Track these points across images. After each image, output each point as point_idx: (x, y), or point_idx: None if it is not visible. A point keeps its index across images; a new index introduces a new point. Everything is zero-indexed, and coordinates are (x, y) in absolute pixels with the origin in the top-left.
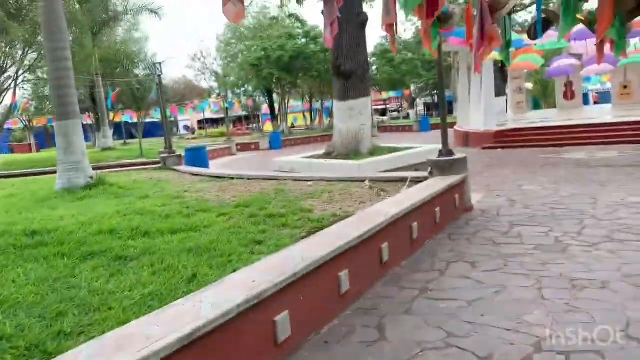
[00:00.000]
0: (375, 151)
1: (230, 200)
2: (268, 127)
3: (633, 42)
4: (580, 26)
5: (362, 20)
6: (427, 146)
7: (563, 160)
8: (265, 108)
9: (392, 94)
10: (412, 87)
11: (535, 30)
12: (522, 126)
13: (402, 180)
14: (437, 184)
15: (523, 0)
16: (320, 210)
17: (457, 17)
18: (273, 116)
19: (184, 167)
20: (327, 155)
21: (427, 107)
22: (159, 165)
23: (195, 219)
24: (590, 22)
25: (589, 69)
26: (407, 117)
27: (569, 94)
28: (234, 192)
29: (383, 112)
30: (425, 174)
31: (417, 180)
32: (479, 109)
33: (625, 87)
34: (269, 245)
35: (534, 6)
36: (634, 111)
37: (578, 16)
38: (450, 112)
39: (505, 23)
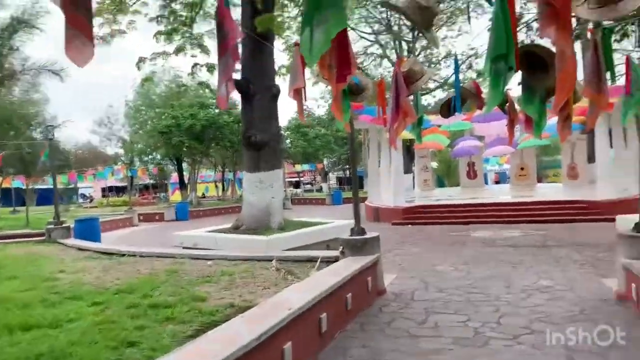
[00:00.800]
0: (286, 226)
1: (112, 284)
2: (177, 196)
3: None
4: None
5: (275, 93)
6: (339, 221)
7: (471, 238)
8: (174, 177)
9: (305, 167)
10: (325, 161)
11: (448, 108)
12: (430, 203)
13: (312, 260)
14: (349, 266)
15: (436, 73)
16: (216, 299)
17: (370, 91)
18: (182, 185)
19: (71, 241)
20: (235, 229)
21: (340, 181)
22: (44, 237)
23: (60, 310)
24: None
25: (491, 151)
26: (320, 190)
27: (471, 174)
28: (119, 273)
29: (297, 185)
30: (337, 253)
31: (327, 261)
32: (389, 185)
33: (522, 168)
34: (142, 349)
35: (439, 90)
36: (530, 191)
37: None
38: (362, 187)
39: (417, 100)
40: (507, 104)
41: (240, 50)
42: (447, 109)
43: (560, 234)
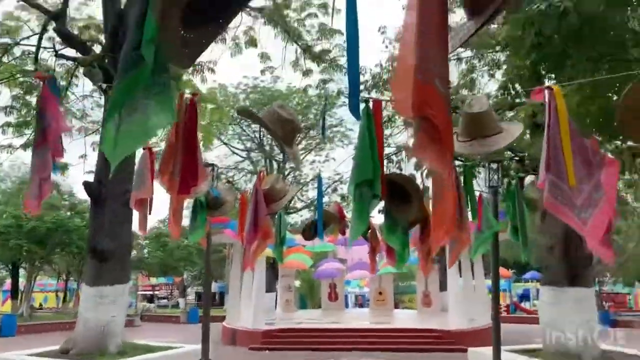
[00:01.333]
0: (127, 350)
1: None
2: (7, 307)
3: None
4: (347, 235)
5: (129, 198)
6: (189, 346)
7: None
8: (7, 284)
9: (162, 280)
10: (185, 275)
11: (310, 231)
12: (290, 326)
13: None
14: None
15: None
16: None
17: (229, 206)
18: (14, 294)
19: None
20: (63, 353)
21: (199, 296)
22: None
23: None
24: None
25: (352, 274)
26: (176, 305)
27: (332, 296)
28: None
29: (151, 299)
30: None
31: None
32: (249, 305)
33: (380, 293)
34: None
35: (306, 210)
36: (388, 317)
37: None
38: (223, 304)
39: (280, 219)
40: (369, 232)
41: (64, 145)
42: (309, 231)
43: None
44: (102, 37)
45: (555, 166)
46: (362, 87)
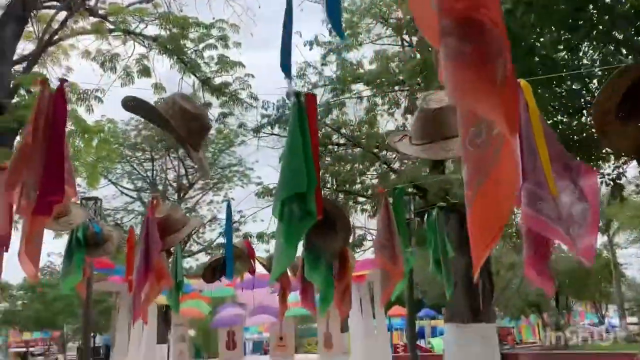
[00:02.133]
0: None
1: None
2: None
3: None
4: (248, 276)
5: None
6: None
7: None
8: None
9: (37, 334)
10: (65, 329)
11: (213, 272)
12: None
13: None
14: None
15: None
16: None
17: (113, 245)
18: None
19: None
20: None
21: (80, 352)
22: None
23: None
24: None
25: (253, 320)
26: None
27: (230, 344)
28: None
29: (24, 356)
30: None
31: None
32: (138, 358)
33: (281, 338)
34: None
35: (202, 253)
36: None
37: (261, 259)
38: (108, 358)
39: (176, 259)
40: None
41: None
42: (211, 272)
43: None
44: None
45: (533, 173)
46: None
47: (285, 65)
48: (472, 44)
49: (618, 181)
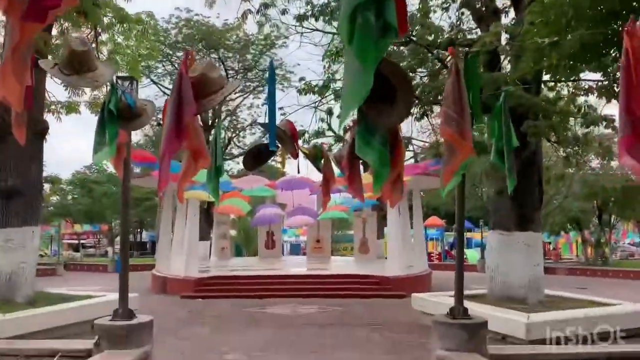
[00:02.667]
0: (38, 300)
1: None
2: None
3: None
4: (287, 176)
5: (40, 130)
6: (111, 295)
7: (267, 316)
8: None
9: (87, 227)
10: (114, 223)
11: (254, 158)
12: (226, 274)
13: (52, 355)
14: None
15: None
16: None
17: (149, 117)
18: None
19: None
20: None
21: (129, 245)
22: None
23: None
24: (316, 156)
25: (292, 220)
26: (105, 254)
27: (270, 243)
28: None
29: (77, 248)
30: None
31: (74, 356)
32: (180, 253)
33: (318, 241)
34: None
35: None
36: (324, 264)
37: (303, 149)
38: (155, 253)
39: (216, 142)
40: (323, 159)
41: None
42: (251, 158)
43: (357, 310)
44: None
45: None
46: None
47: None
48: None
49: None
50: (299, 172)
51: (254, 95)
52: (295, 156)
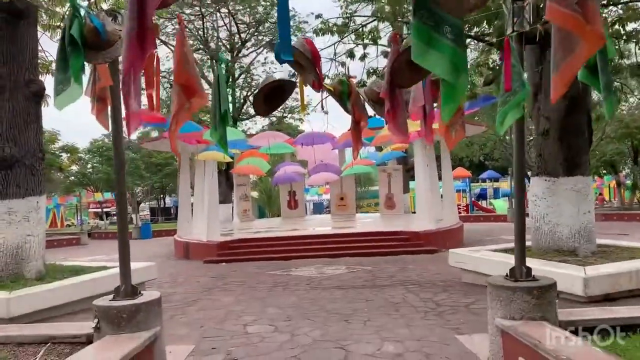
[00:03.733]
0: (48, 273)
1: None
2: None
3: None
4: (306, 132)
5: (35, 91)
6: (132, 264)
7: (293, 278)
8: None
9: (107, 195)
10: (137, 190)
11: (265, 98)
12: (248, 236)
13: (53, 341)
14: (103, 356)
15: None
16: None
17: (119, 46)
18: None
19: None
20: None
21: (153, 211)
22: None
23: None
24: (343, 93)
25: (315, 177)
26: (130, 221)
27: (292, 203)
28: None
29: (101, 217)
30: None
31: (72, 342)
32: (202, 217)
33: (341, 198)
34: None
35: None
36: (350, 222)
37: (327, 85)
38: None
39: (218, 82)
40: (350, 95)
41: None
42: (263, 98)
43: (387, 269)
44: None
45: None
46: None
47: None
48: None
49: None
50: (323, 108)
51: (267, 51)
52: (318, 87)
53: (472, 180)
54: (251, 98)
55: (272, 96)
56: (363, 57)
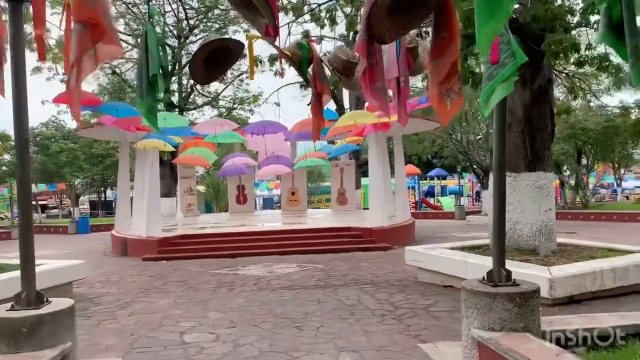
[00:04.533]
0: None
1: None
2: None
3: (305, 147)
4: (258, 121)
5: None
6: (54, 262)
7: (240, 278)
8: None
9: (42, 187)
10: (77, 182)
11: (206, 60)
12: (192, 232)
13: None
14: None
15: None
16: None
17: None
18: None
19: None
20: None
21: (93, 205)
22: None
23: None
24: (303, 59)
25: (265, 170)
26: (68, 215)
27: (241, 198)
28: None
29: (43, 209)
30: None
31: None
32: (142, 211)
33: (293, 193)
34: None
35: (207, 107)
36: (301, 218)
37: (285, 50)
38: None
39: (146, 43)
40: (311, 67)
41: None
42: (202, 61)
43: (340, 267)
44: None
45: None
46: None
47: None
48: None
49: None
50: (281, 73)
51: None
52: (274, 34)
53: (421, 178)
54: (199, 87)
55: (214, 60)
56: (320, 40)
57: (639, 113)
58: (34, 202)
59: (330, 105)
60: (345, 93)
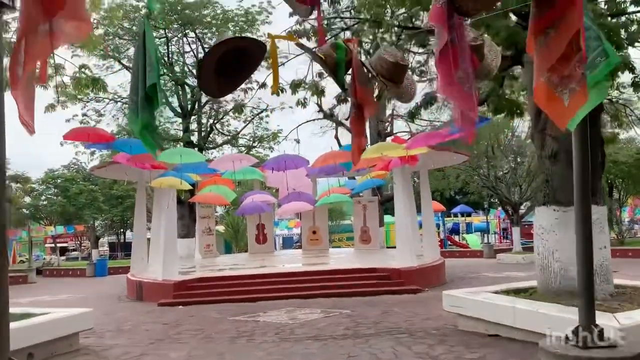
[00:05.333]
0: None
1: None
2: None
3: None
4: (277, 155)
5: None
6: (63, 311)
7: (259, 326)
8: None
9: (60, 229)
10: (96, 224)
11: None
12: (210, 275)
13: None
14: None
15: None
16: None
17: None
18: None
19: None
20: None
21: (112, 247)
22: None
23: None
24: (339, 62)
25: (286, 207)
26: (88, 257)
27: (261, 237)
28: None
29: (63, 251)
30: None
31: None
32: (158, 252)
33: (314, 232)
34: None
35: (227, 145)
36: (323, 258)
37: (319, 52)
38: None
39: (144, 46)
40: (350, 69)
41: None
42: (214, 68)
43: (369, 312)
44: None
45: None
46: None
47: None
48: None
49: None
50: (303, 103)
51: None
52: (310, 3)
53: (445, 215)
54: (218, 126)
55: (228, 65)
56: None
57: None
58: (52, 245)
59: (347, 138)
60: (366, 125)
